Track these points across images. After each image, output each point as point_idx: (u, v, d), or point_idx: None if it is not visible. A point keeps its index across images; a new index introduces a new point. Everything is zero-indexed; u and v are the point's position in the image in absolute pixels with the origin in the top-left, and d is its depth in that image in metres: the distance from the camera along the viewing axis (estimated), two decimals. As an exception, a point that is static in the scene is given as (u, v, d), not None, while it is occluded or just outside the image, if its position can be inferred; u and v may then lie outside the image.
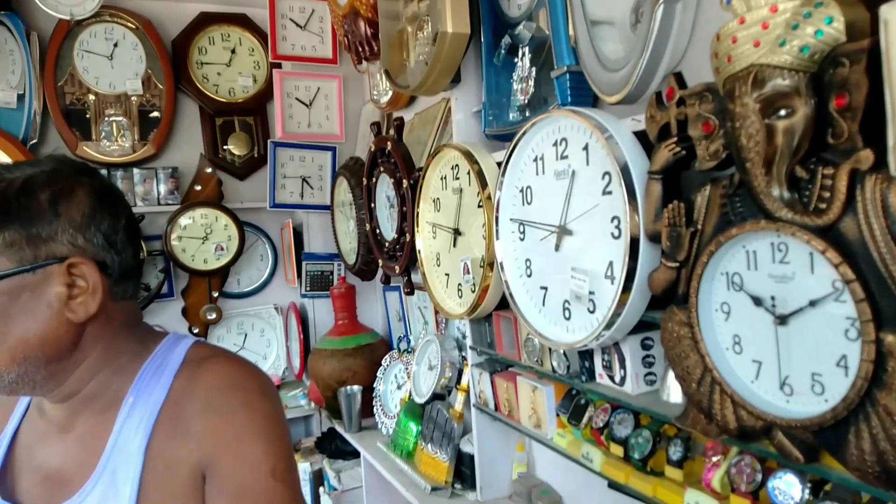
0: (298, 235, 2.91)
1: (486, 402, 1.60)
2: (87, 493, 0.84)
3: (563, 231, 1.18)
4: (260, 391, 0.89)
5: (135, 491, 0.82)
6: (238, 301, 2.99)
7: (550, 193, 1.21)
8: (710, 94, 0.86)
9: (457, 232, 1.61)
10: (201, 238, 2.74)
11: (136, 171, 2.71)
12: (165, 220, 2.73)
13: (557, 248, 1.20)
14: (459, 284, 1.61)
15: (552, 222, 1.20)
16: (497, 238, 1.36)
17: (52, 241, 0.81)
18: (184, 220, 2.73)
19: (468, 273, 1.55)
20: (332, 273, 2.83)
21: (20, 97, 2.56)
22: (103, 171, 2.64)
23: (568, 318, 1.19)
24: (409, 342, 2.43)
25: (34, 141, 2.58)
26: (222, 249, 2.78)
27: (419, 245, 1.78)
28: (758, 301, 0.82)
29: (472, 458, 1.71)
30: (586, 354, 1.22)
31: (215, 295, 2.81)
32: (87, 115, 2.67)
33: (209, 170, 2.81)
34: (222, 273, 2.83)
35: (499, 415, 1.55)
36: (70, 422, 0.89)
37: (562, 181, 1.18)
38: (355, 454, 2.33)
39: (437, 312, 2.14)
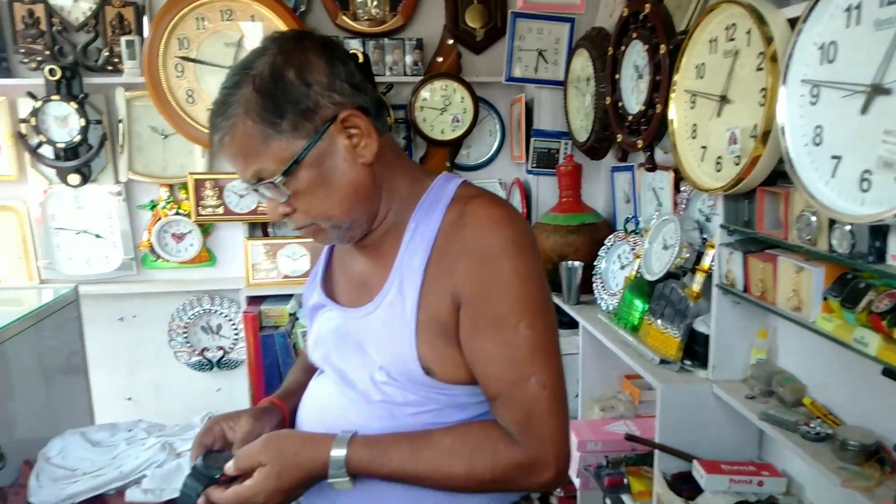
0: (528, 111, 2.92)
1: (733, 282, 1.54)
2: (382, 298, 1.00)
3: (876, 90, 1.04)
4: (518, 242, 0.95)
5: (416, 301, 0.96)
6: (467, 173, 3.14)
7: (864, 48, 1.06)
8: None
9: (724, 99, 1.50)
10: (440, 109, 2.88)
11: (386, 41, 2.88)
12: (409, 91, 2.90)
13: (865, 110, 1.06)
14: (719, 157, 1.52)
15: (862, 81, 1.06)
16: (781, 103, 1.25)
17: (318, 108, 0.92)
18: (425, 93, 2.87)
19: (734, 143, 1.45)
20: (558, 151, 2.83)
21: (289, -32, 2.80)
22: (358, 42, 2.87)
23: (866, 190, 1.07)
24: (637, 223, 2.39)
25: (303, 9, 2.83)
26: (457, 121, 2.90)
27: (672, 116, 1.70)
28: None
29: (705, 337, 1.68)
30: (878, 233, 1.10)
31: (448, 165, 2.97)
32: (345, -14, 2.86)
33: (450, 42, 2.88)
34: (456, 144, 2.98)
35: (748, 296, 1.49)
36: (370, 240, 1.05)
37: (883, 32, 1.02)
38: (571, 325, 2.42)
39: (676, 192, 2.06)
